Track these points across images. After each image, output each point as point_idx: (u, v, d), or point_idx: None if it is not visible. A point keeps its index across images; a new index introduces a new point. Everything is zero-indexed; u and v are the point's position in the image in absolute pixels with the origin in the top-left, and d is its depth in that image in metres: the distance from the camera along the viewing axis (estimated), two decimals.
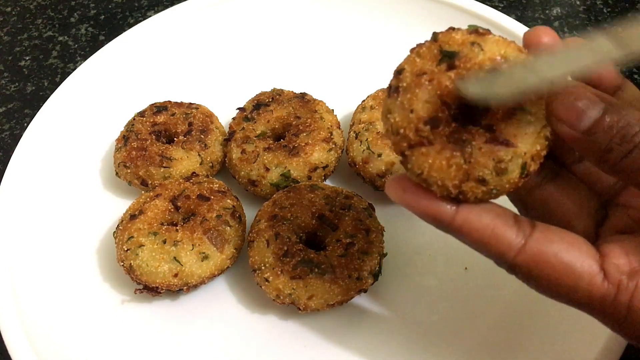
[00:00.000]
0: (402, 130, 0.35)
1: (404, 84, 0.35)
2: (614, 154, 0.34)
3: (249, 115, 0.66)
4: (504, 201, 0.38)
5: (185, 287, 0.56)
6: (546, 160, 0.37)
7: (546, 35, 0.37)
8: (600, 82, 0.38)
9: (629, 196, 0.40)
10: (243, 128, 0.65)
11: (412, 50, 0.37)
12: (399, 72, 0.36)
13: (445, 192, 0.35)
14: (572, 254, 0.35)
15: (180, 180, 0.61)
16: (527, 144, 0.34)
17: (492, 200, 0.37)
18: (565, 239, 0.36)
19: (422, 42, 0.36)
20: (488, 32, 0.36)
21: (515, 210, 0.41)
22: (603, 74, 0.38)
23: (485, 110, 0.35)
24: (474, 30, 0.36)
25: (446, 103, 0.35)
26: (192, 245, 0.55)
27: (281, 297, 0.54)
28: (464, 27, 0.37)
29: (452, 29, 0.36)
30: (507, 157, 0.34)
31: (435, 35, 0.36)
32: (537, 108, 0.35)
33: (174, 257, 0.55)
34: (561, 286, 0.35)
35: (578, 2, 0.88)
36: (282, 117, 0.66)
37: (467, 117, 0.35)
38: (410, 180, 0.37)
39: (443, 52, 0.35)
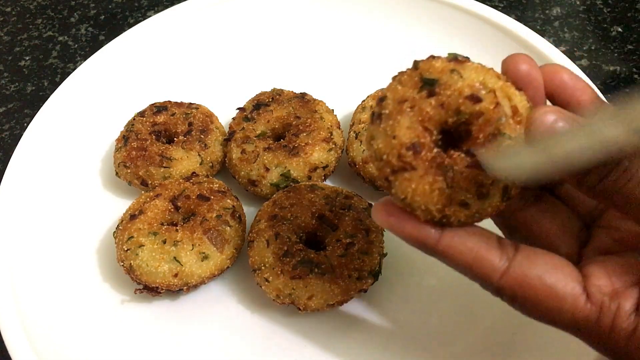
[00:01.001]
0: (385, 156, 0.36)
1: (387, 111, 0.36)
2: (591, 177, 0.34)
3: (249, 115, 0.66)
4: (488, 224, 0.39)
5: (185, 287, 0.56)
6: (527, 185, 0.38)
7: (524, 63, 0.37)
8: (579, 101, 0.38)
9: (611, 218, 0.40)
10: (243, 128, 0.65)
11: (394, 78, 0.38)
12: (381, 99, 0.37)
13: (429, 216, 0.36)
14: (555, 276, 0.36)
15: (180, 180, 0.61)
16: None
17: (477, 224, 0.38)
18: (549, 262, 0.36)
19: (404, 70, 0.37)
20: (467, 59, 0.37)
21: (500, 232, 0.41)
22: (577, 93, 0.38)
23: (466, 135, 0.36)
24: (454, 57, 0.37)
25: (428, 129, 0.36)
26: (192, 245, 0.55)
27: (281, 297, 0.54)
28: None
29: (432, 57, 0.37)
30: (488, 182, 0.35)
31: (416, 63, 0.37)
32: (518, 132, 0.35)
33: (174, 257, 0.55)
34: (545, 308, 0.36)
35: (578, 2, 0.88)
36: (282, 117, 0.66)
37: (449, 142, 0.36)
38: (394, 204, 0.37)
39: (424, 79, 0.36)
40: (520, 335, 0.54)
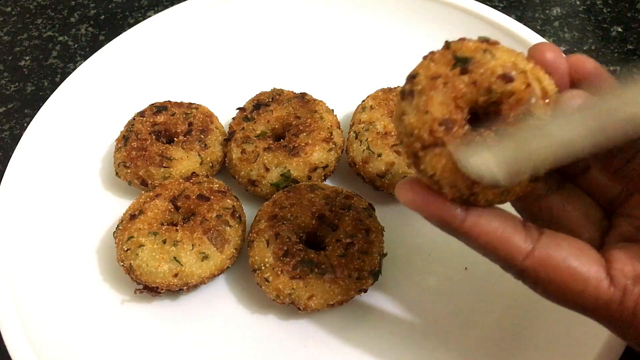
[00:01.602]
0: (416, 131, 0.36)
1: (419, 87, 0.36)
2: (616, 160, 0.34)
3: (249, 115, 0.66)
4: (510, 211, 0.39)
5: (185, 287, 0.56)
6: (551, 172, 0.38)
7: (551, 51, 0.37)
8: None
9: (633, 206, 0.41)
10: (243, 128, 0.65)
11: (425, 58, 0.38)
12: (412, 76, 0.37)
13: (457, 193, 0.36)
14: (580, 260, 0.36)
15: (180, 180, 0.61)
16: None
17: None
18: (573, 245, 0.37)
19: (435, 50, 0.38)
20: (498, 42, 0.37)
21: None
22: (600, 82, 0.38)
23: (495, 115, 0.36)
24: (485, 39, 0.37)
25: (460, 106, 0.35)
26: (192, 245, 0.55)
27: (281, 297, 0.54)
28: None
29: (463, 39, 0.37)
30: None
31: (447, 43, 0.37)
32: (547, 113, 0.35)
33: (174, 257, 0.55)
34: (568, 291, 0.36)
35: (578, 2, 0.88)
36: (282, 117, 0.66)
37: (479, 121, 0.36)
38: (420, 183, 0.37)
39: (457, 57, 0.36)
40: (521, 335, 0.54)
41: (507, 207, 0.39)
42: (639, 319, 0.35)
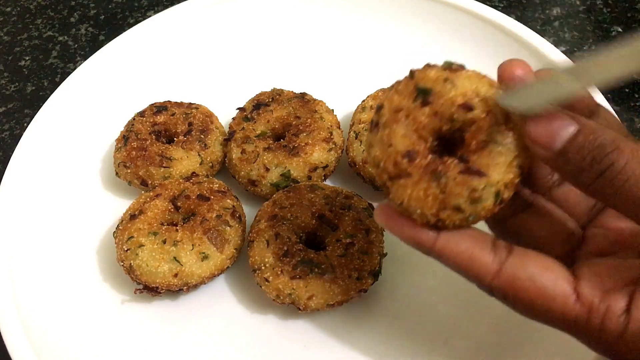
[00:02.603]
0: (382, 164, 0.37)
1: (383, 120, 0.38)
2: (587, 175, 0.34)
3: (249, 115, 0.66)
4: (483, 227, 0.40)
5: (185, 287, 0.56)
6: (519, 190, 0.39)
7: (520, 68, 0.38)
8: (575, 105, 0.39)
9: (607, 218, 0.41)
10: (243, 128, 0.65)
11: (391, 87, 0.39)
12: (379, 108, 0.39)
13: (425, 220, 0.38)
14: (546, 277, 0.37)
15: (180, 180, 0.61)
16: (500, 174, 0.36)
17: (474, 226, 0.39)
18: (540, 263, 0.37)
19: (401, 79, 0.39)
20: (462, 67, 0.38)
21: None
22: (578, 98, 0.39)
23: (460, 142, 0.37)
24: (448, 66, 0.38)
25: (422, 137, 0.37)
26: (192, 245, 0.55)
27: (281, 297, 0.54)
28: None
29: (428, 65, 0.38)
30: (480, 186, 0.36)
31: (412, 72, 0.38)
32: (509, 139, 0.36)
33: (174, 257, 0.55)
34: (536, 308, 0.37)
35: (578, 2, 0.88)
36: (282, 117, 0.66)
37: (444, 149, 0.38)
38: (393, 208, 0.39)
39: (418, 89, 0.37)
40: (520, 336, 0.54)
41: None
42: (606, 336, 0.35)
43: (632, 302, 0.35)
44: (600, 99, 0.63)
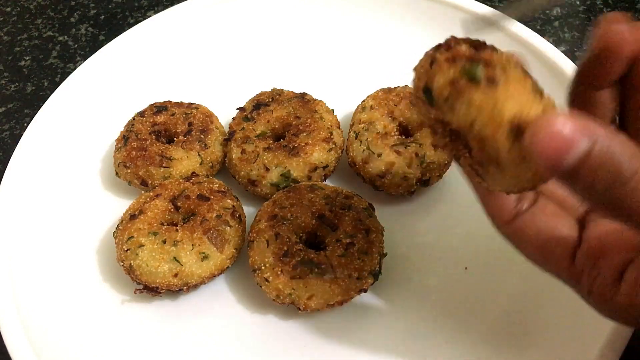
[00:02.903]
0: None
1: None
2: (599, 197, 0.30)
3: (249, 115, 0.66)
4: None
5: (185, 287, 0.56)
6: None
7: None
8: (615, 52, 0.34)
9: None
10: (243, 128, 0.65)
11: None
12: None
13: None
14: (554, 229, 0.40)
15: (180, 180, 0.61)
16: None
17: None
18: (553, 216, 0.41)
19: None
20: (493, 49, 0.34)
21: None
22: (619, 41, 0.33)
23: None
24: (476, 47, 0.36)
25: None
26: (192, 245, 0.55)
27: (281, 297, 0.54)
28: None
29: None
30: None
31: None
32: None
33: (174, 257, 0.55)
34: (538, 256, 0.41)
35: (578, 2, 0.88)
36: (282, 117, 0.66)
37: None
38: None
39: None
40: (520, 335, 0.54)
41: None
42: (594, 298, 0.38)
43: (624, 274, 0.36)
44: None
